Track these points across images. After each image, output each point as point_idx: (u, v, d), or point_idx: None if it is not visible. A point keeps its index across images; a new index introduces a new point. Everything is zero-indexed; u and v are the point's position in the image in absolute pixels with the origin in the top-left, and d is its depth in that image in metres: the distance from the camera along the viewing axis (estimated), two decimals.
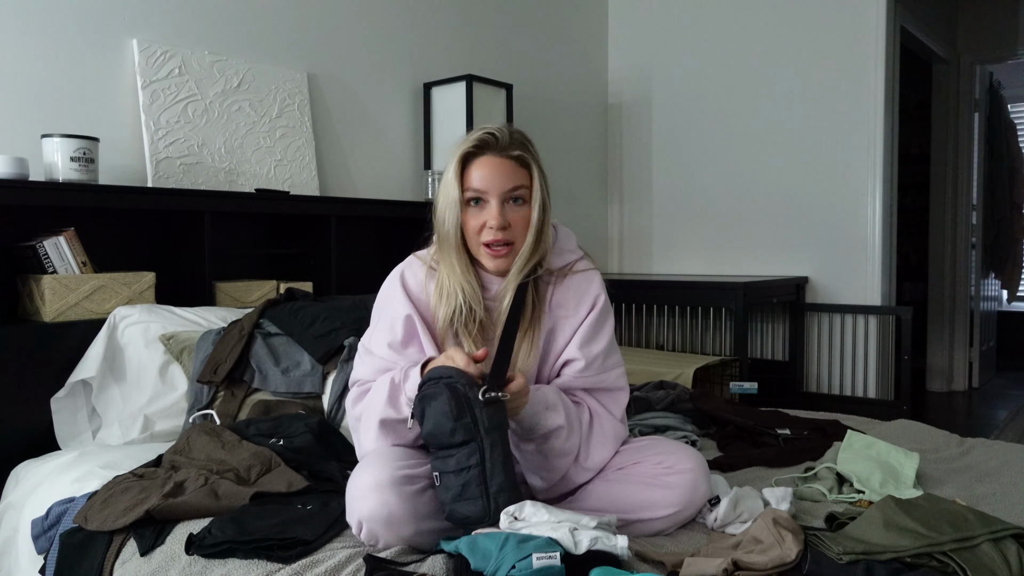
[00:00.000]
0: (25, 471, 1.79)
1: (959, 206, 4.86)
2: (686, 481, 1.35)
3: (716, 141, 3.82)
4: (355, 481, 1.28)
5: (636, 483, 1.38)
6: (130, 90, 2.32)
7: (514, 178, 1.36)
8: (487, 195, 1.36)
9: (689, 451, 1.42)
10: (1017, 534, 1.21)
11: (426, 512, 1.26)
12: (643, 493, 1.36)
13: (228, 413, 1.90)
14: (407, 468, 1.29)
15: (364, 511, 1.24)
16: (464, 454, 1.22)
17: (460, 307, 1.39)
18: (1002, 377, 5.39)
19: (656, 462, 1.40)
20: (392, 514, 1.23)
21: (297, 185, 2.64)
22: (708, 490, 1.39)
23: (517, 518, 1.25)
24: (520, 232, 1.38)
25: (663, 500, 1.35)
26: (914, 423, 2.13)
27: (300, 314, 2.08)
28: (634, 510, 1.35)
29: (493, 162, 1.36)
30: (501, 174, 1.36)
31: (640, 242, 4.09)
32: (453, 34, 3.32)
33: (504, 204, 1.37)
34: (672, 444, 1.46)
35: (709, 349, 3.58)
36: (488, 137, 1.37)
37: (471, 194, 1.37)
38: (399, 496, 1.24)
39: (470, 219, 1.38)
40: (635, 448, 1.46)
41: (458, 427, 1.21)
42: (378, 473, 1.26)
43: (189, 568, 1.24)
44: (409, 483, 1.26)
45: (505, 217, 1.36)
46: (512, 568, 1.10)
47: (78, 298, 2.01)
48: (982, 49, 4.80)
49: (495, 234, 1.36)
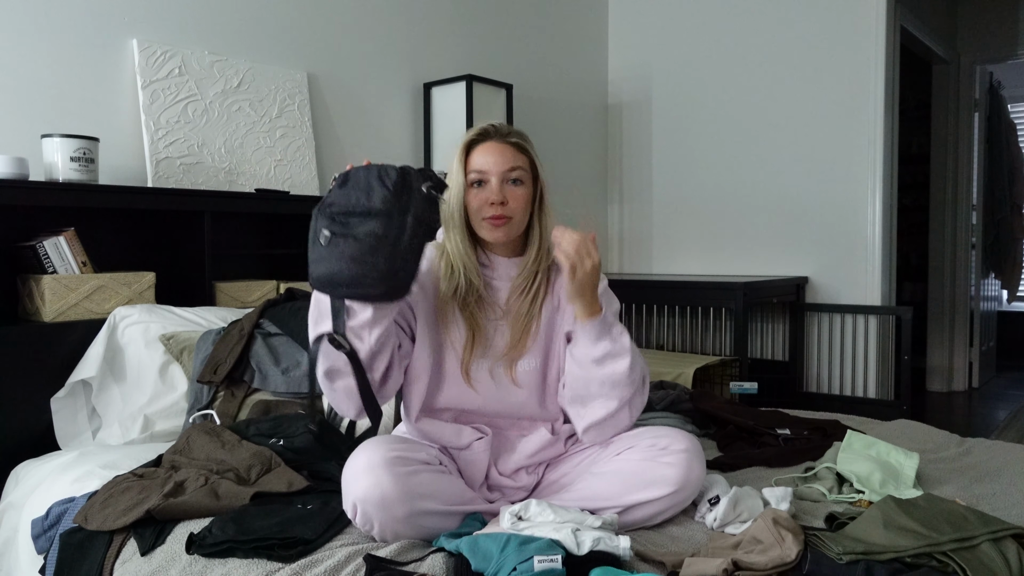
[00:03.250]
0: (25, 471, 1.79)
1: (959, 206, 4.86)
2: (681, 460, 1.38)
3: (716, 141, 3.82)
4: (349, 465, 1.31)
5: (632, 466, 1.40)
6: (130, 90, 2.32)
7: (512, 160, 1.48)
8: (488, 175, 1.47)
9: (682, 433, 1.45)
10: (1017, 534, 1.21)
11: (420, 493, 1.28)
12: (639, 475, 1.37)
13: (228, 413, 1.90)
14: (400, 451, 1.31)
15: (358, 492, 1.26)
16: (382, 222, 1.24)
17: (461, 284, 1.47)
18: (1002, 377, 5.39)
19: (649, 444, 1.43)
20: (385, 494, 1.25)
21: (297, 185, 2.64)
22: (703, 472, 1.41)
23: (522, 518, 1.25)
24: (518, 209, 1.48)
25: (659, 480, 1.36)
26: (914, 423, 2.13)
27: (300, 314, 2.08)
28: (630, 492, 1.36)
29: (494, 146, 1.49)
30: (501, 156, 1.48)
31: (640, 242, 4.09)
32: (453, 34, 3.32)
33: (503, 184, 1.47)
34: (664, 428, 1.49)
35: (709, 349, 3.58)
36: (489, 127, 1.52)
37: (474, 176, 1.48)
38: (392, 476, 1.25)
39: (473, 200, 1.48)
40: (628, 435, 1.49)
41: (391, 198, 1.25)
42: (371, 455, 1.29)
43: (189, 568, 1.24)
44: (402, 464, 1.29)
45: (504, 194, 1.46)
46: (513, 570, 1.10)
47: (78, 298, 2.01)
48: (982, 49, 4.80)
49: (495, 209, 1.46)
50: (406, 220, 1.25)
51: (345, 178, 1.29)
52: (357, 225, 1.25)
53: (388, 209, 1.25)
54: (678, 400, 2.25)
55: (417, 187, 1.27)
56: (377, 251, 1.24)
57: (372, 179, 1.26)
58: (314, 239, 1.28)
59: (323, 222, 1.27)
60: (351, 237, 1.24)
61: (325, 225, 1.27)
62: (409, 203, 1.26)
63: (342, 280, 1.25)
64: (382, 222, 1.24)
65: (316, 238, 1.27)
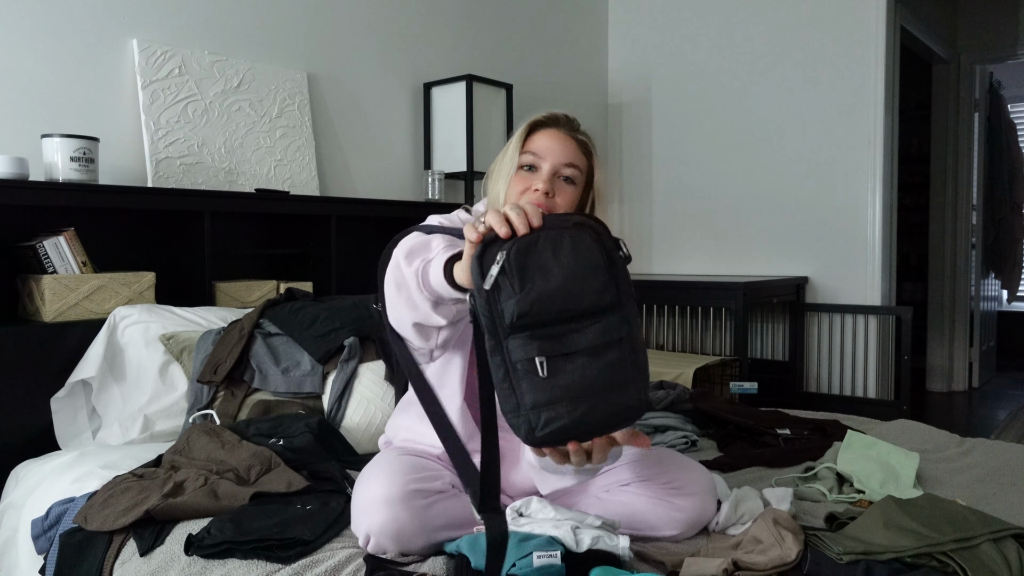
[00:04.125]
0: (25, 471, 1.79)
1: (959, 206, 4.86)
2: (694, 505, 1.33)
3: (716, 141, 3.82)
4: (363, 493, 1.23)
5: (641, 503, 1.34)
6: (130, 90, 2.32)
7: (573, 156, 1.36)
8: (542, 161, 1.34)
9: (699, 471, 1.37)
10: (1017, 534, 1.21)
11: (436, 525, 1.23)
12: (646, 515, 1.33)
13: (228, 413, 1.90)
14: (418, 482, 1.24)
15: (373, 526, 1.20)
16: (613, 322, 0.91)
17: None
18: (1002, 377, 5.39)
19: (664, 481, 1.34)
20: (403, 529, 1.19)
21: (297, 185, 2.64)
22: (714, 508, 1.36)
23: (522, 514, 1.25)
24: (562, 208, 1.34)
25: (668, 523, 1.32)
26: (914, 423, 2.13)
27: (300, 314, 2.08)
28: (637, 528, 1.33)
29: (558, 134, 1.37)
30: (562, 147, 1.35)
31: (640, 242, 4.09)
32: (453, 34, 3.32)
33: (555, 175, 1.35)
34: (682, 461, 1.40)
35: (709, 349, 3.58)
36: (561, 115, 1.40)
37: (528, 158, 1.35)
38: (410, 511, 1.19)
39: (518, 183, 1.35)
40: (644, 464, 1.38)
41: (610, 283, 0.92)
42: (388, 487, 1.21)
43: (189, 568, 1.24)
44: (421, 497, 1.22)
45: (552, 186, 1.33)
46: (512, 566, 1.10)
47: (78, 298, 2.01)
48: (982, 49, 4.80)
49: (537, 196, 1.31)
50: (628, 304, 0.93)
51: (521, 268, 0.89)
52: (578, 336, 0.90)
53: (612, 300, 0.92)
54: (678, 400, 2.25)
55: (615, 254, 0.95)
56: (624, 364, 0.91)
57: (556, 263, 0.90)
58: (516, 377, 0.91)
59: (524, 347, 0.90)
60: (582, 355, 0.90)
61: (532, 351, 0.90)
62: (619, 280, 0.93)
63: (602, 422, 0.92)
64: (613, 319, 0.92)
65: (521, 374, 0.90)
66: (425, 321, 1.14)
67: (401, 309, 1.14)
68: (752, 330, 3.74)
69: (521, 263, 0.90)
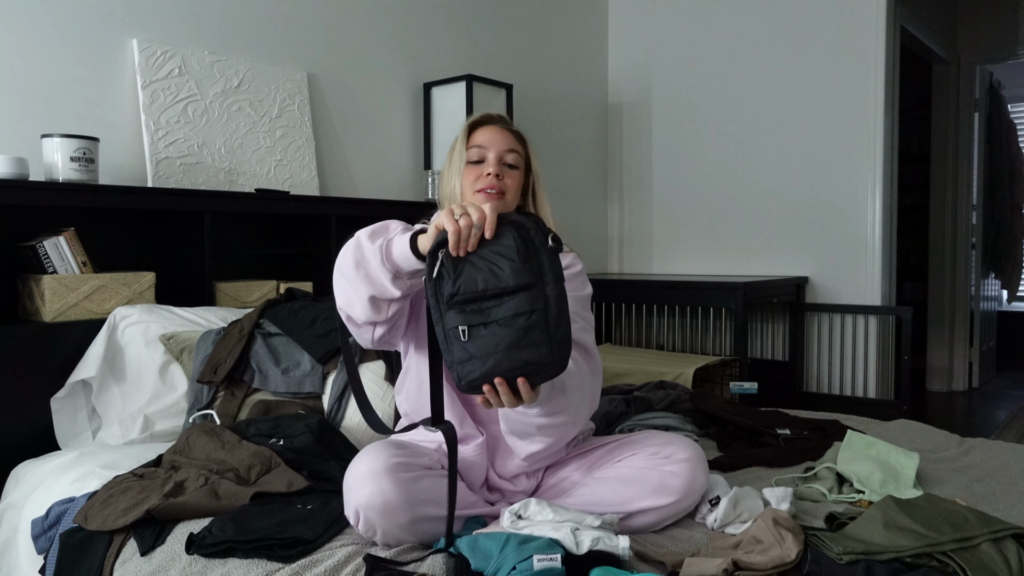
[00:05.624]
0: (25, 471, 1.79)
1: (959, 206, 4.86)
2: (685, 469, 1.37)
3: (716, 141, 3.82)
4: (351, 471, 1.30)
5: (634, 473, 1.39)
6: (130, 90, 2.32)
7: (512, 143, 1.54)
8: (487, 151, 1.52)
9: (686, 440, 1.45)
10: (1017, 534, 1.21)
11: (422, 499, 1.27)
12: (641, 483, 1.37)
13: (228, 413, 1.90)
14: (402, 456, 1.31)
15: (361, 499, 1.25)
16: (526, 298, 1.13)
17: None
18: (1002, 377, 5.39)
19: (653, 452, 1.42)
20: (388, 501, 1.24)
21: (297, 185, 2.64)
22: (706, 480, 1.40)
23: (521, 516, 1.26)
24: (512, 188, 1.53)
25: (662, 488, 1.36)
26: (914, 423, 2.13)
27: (300, 314, 2.08)
28: (632, 500, 1.36)
29: (495, 128, 1.56)
30: (502, 137, 1.54)
31: (640, 242, 4.09)
32: (453, 34, 3.32)
33: (500, 162, 1.52)
34: (667, 435, 1.48)
35: (709, 349, 3.58)
36: (494, 114, 1.62)
37: (474, 152, 1.53)
38: (395, 482, 1.25)
39: (469, 174, 1.52)
40: (631, 441, 1.48)
41: (524, 269, 1.14)
42: (373, 462, 1.27)
43: (189, 568, 1.24)
44: (405, 470, 1.28)
45: (501, 170, 1.51)
46: (512, 569, 1.10)
47: (78, 298, 2.01)
48: (982, 49, 4.80)
49: (490, 180, 1.50)
50: (546, 285, 1.15)
51: (455, 263, 1.15)
52: (496, 309, 1.13)
53: (524, 282, 1.14)
54: (678, 400, 2.25)
55: (541, 245, 1.16)
56: (532, 330, 1.13)
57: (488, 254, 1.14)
58: (449, 340, 1.15)
59: (455, 318, 1.14)
60: (495, 324, 1.13)
61: (459, 320, 1.14)
62: (541, 266, 1.15)
63: (508, 371, 1.14)
64: (526, 297, 1.14)
65: (452, 338, 1.15)
66: (380, 294, 1.29)
67: (359, 285, 1.30)
68: (752, 330, 3.74)
69: (454, 258, 1.16)
